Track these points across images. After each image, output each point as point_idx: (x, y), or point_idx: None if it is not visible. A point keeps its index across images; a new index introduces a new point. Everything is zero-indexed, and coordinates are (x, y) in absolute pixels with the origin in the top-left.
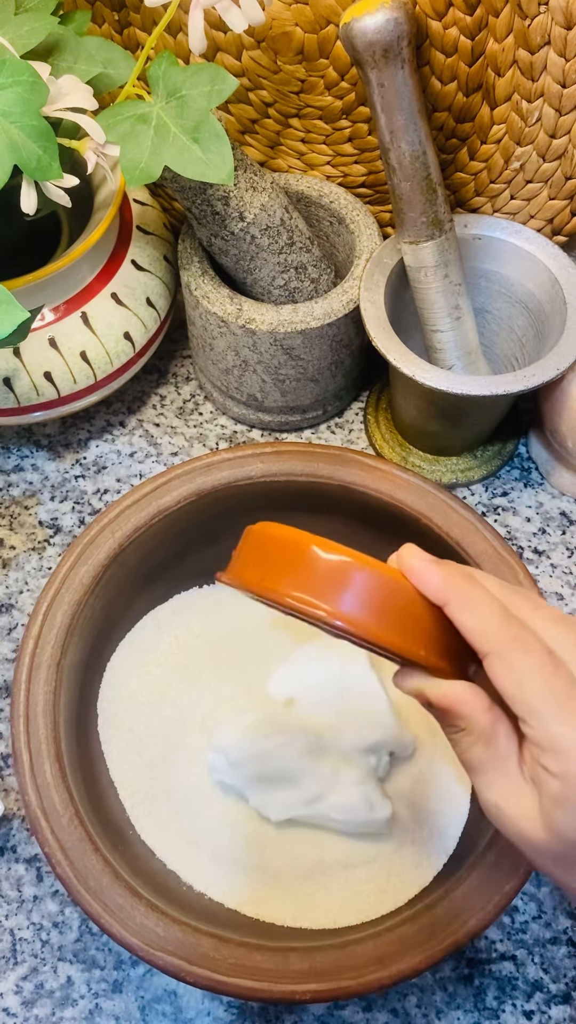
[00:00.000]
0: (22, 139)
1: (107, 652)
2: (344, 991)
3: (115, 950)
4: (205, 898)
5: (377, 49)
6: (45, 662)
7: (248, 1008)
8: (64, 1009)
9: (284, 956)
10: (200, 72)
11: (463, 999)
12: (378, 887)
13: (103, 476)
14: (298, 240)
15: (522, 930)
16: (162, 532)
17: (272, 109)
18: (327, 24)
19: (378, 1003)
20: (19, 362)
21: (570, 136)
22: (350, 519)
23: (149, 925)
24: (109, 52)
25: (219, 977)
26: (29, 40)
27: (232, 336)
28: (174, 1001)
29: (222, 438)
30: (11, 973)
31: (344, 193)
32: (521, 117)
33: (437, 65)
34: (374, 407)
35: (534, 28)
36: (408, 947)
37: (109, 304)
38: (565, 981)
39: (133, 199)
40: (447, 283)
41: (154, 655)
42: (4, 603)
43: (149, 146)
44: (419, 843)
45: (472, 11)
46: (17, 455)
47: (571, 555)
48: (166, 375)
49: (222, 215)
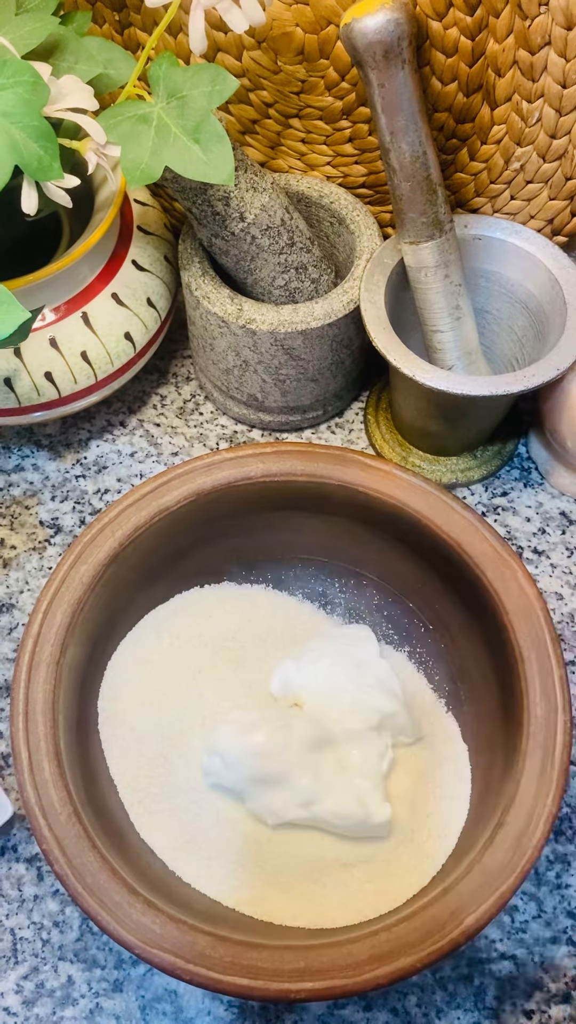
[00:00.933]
0: (23, 139)
1: (107, 651)
2: (340, 990)
3: (116, 949)
4: (203, 896)
5: (377, 50)
6: (45, 660)
7: (248, 1007)
8: (64, 1008)
9: (280, 954)
10: (201, 72)
11: (463, 998)
12: (376, 886)
13: (103, 476)
14: (299, 240)
15: (522, 930)
16: (162, 532)
17: (272, 109)
18: (328, 24)
19: (378, 1002)
20: (20, 362)
21: (570, 137)
22: (350, 519)
23: (146, 923)
24: (110, 52)
25: (215, 975)
26: (30, 40)
27: (232, 336)
28: (175, 1000)
29: (222, 438)
30: (12, 972)
31: (344, 193)
32: (521, 117)
33: (437, 65)
34: (374, 407)
35: (534, 29)
36: (405, 946)
37: (110, 304)
38: (565, 981)
39: (134, 199)
40: (447, 283)
41: (155, 654)
42: (4, 603)
43: (150, 146)
44: (418, 843)
45: (472, 12)
46: (18, 455)
47: (571, 555)
48: (166, 375)
49: (223, 215)
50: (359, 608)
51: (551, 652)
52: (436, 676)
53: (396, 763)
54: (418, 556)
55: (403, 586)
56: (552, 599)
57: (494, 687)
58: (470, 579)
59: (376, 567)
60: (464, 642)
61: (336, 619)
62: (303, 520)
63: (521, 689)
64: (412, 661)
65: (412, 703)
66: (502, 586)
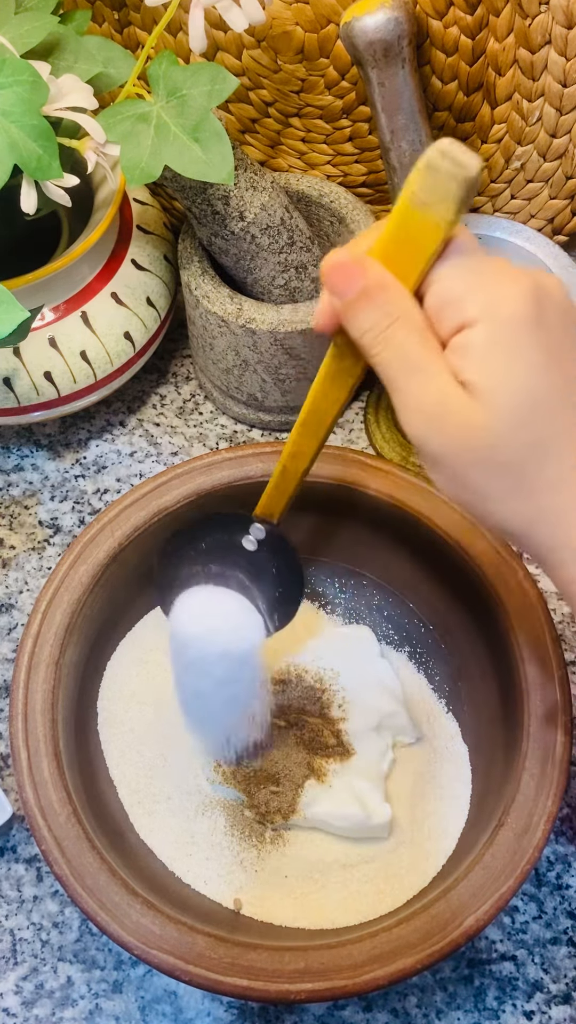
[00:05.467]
0: (22, 138)
1: (107, 651)
2: (340, 991)
3: (115, 950)
4: (203, 897)
5: (378, 48)
6: (44, 660)
7: (248, 1008)
8: (64, 1009)
9: (280, 955)
10: (200, 71)
11: (463, 999)
12: (376, 887)
13: (103, 476)
14: (298, 239)
15: (522, 930)
16: (162, 532)
17: (272, 108)
18: (327, 23)
19: (378, 1003)
20: (19, 362)
21: (571, 135)
22: (350, 519)
23: (146, 923)
24: (109, 51)
25: (215, 976)
26: (29, 39)
27: (232, 336)
28: (174, 1001)
29: (222, 438)
30: (11, 973)
31: (344, 192)
32: (522, 116)
33: (438, 64)
34: (374, 407)
35: (535, 27)
36: (405, 947)
37: (109, 304)
38: (565, 981)
39: (133, 198)
40: None
41: (154, 654)
42: (4, 603)
43: (149, 145)
44: (418, 844)
45: (473, 10)
46: (17, 455)
47: None
48: (166, 375)
49: (222, 215)
50: (359, 608)
51: (551, 652)
52: (436, 676)
53: (396, 763)
54: (418, 556)
55: (403, 586)
56: (552, 599)
57: (494, 687)
58: (470, 579)
59: (376, 567)
60: (464, 642)
61: (336, 619)
62: (303, 520)
63: (521, 689)
64: (412, 661)
65: (412, 703)
66: (502, 586)
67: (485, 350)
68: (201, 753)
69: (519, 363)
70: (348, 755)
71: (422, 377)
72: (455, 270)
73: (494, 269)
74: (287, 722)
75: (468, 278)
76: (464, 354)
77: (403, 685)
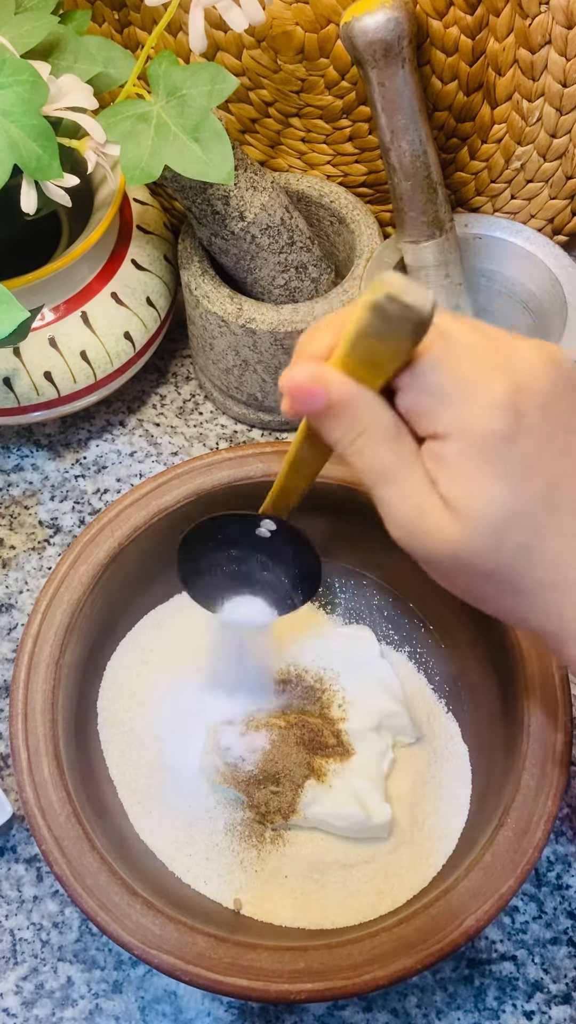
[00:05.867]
0: (22, 138)
1: (107, 651)
2: (340, 991)
3: (115, 950)
4: (202, 897)
5: (378, 48)
6: (44, 660)
7: (248, 1008)
8: (64, 1009)
9: (280, 955)
10: (200, 71)
11: (463, 999)
12: (376, 888)
13: (103, 476)
14: (298, 239)
15: (522, 930)
16: (162, 532)
17: (272, 108)
18: (327, 23)
19: (378, 1003)
20: (19, 362)
21: (571, 135)
22: (351, 519)
23: (146, 924)
24: (109, 51)
25: (215, 976)
26: (29, 39)
27: (232, 336)
28: (174, 1001)
29: (222, 438)
30: (11, 973)
31: (344, 193)
32: (522, 116)
33: (438, 64)
34: None
35: (535, 27)
36: (405, 947)
37: (109, 304)
38: (565, 981)
39: (133, 198)
40: (448, 283)
41: (154, 654)
42: (4, 603)
43: (149, 145)
44: (418, 844)
45: (473, 10)
46: (17, 455)
47: None
48: (166, 375)
49: (222, 214)
50: (359, 608)
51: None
52: (436, 676)
53: (396, 763)
54: None
55: (403, 586)
56: None
57: (494, 687)
58: None
59: (376, 567)
60: (464, 642)
61: (336, 619)
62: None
63: (521, 689)
64: (412, 661)
65: (412, 703)
66: None
67: (457, 466)
68: (201, 753)
69: (491, 480)
70: (348, 755)
71: (397, 489)
72: (424, 379)
73: (469, 376)
74: (287, 722)
75: (437, 391)
76: (437, 464)
77: (403, 685)
